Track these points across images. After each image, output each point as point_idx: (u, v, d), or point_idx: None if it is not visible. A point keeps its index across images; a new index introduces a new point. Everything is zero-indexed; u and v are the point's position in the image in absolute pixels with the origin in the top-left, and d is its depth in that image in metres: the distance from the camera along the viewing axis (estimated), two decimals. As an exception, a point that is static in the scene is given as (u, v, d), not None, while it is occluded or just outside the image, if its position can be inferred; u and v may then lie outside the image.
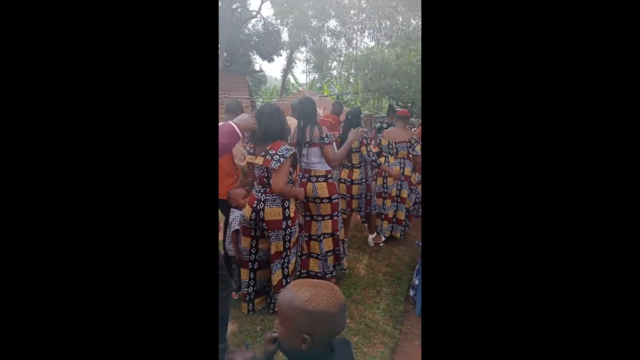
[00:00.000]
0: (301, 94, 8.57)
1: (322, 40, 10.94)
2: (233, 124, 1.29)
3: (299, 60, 16.68)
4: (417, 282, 2.17)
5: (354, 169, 2.78)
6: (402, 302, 2.22)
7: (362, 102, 13.74)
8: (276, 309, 0.84)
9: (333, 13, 9.00)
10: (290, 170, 1.84)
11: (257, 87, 15.70)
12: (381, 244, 3.14)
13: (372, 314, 2.07)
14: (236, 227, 2.09)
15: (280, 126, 1.81)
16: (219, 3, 12.71)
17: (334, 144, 2.28)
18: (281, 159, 1.71)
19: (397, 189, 3.14)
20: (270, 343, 0.70)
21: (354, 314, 2.06)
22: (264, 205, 1.82)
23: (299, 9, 8.93)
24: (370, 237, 3.16)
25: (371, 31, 9.61)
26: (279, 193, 1.79)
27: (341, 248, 2.36)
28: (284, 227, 1.85)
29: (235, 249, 2.13)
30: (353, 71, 14.68)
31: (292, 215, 1.88)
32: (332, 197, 2.22)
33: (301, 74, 21.91)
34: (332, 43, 11.30)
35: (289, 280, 1.95)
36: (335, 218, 2.27)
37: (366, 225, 3.26)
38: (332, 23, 10.53)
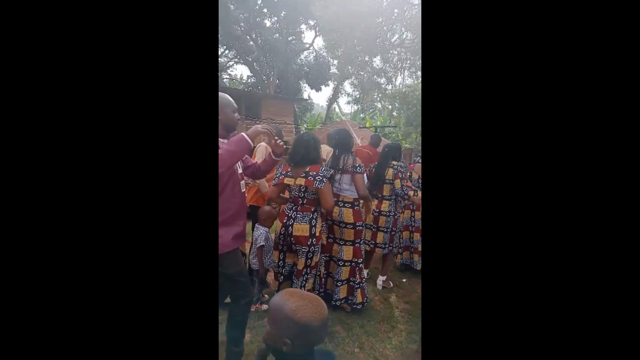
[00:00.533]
0: (342, 124, 8.83)
1: (368, 74, 11.37)
2: (243, 134, 1.41)
3: (345, 92, 17.29)
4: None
5: (384, 201, 2.76)
6: (417, 342, 2.17)
7: (403, 136, 13.74)
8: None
9: (380, 49, 9.39)
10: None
11: (303, 114, 16.48)
12: (389, 288, 2.94)
13: (383, 348, 2.05)
14: (261, 243, 2.23)
15: (317, 153, 2.05)
16: (277, 35, 13.82)
17: (365, 174, 2.37)
18: (324, 179, 1.93)
19: None
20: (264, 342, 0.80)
21: (364, 345, 2.06)
22: (294, 221, 2.00)
23: (346, 43, 9.45)
24: (381, 279, 2.89)
25: (413, 70, 9.82)
26: (330, 209, 2.00)
27: (357, 278, 2.36)
28: (308, 244, 1.98)
29: (260, 263, 2.26)
30: (397, 105, 14.87)
31: (317, 234, 2.01)
32: (357, 224, 2.30)
33: (346, 105, 22.54)
34: (375, 79, 11.69)
35: None
36: (357, 245, 2.33)
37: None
38: (377, 60, 10.93)
